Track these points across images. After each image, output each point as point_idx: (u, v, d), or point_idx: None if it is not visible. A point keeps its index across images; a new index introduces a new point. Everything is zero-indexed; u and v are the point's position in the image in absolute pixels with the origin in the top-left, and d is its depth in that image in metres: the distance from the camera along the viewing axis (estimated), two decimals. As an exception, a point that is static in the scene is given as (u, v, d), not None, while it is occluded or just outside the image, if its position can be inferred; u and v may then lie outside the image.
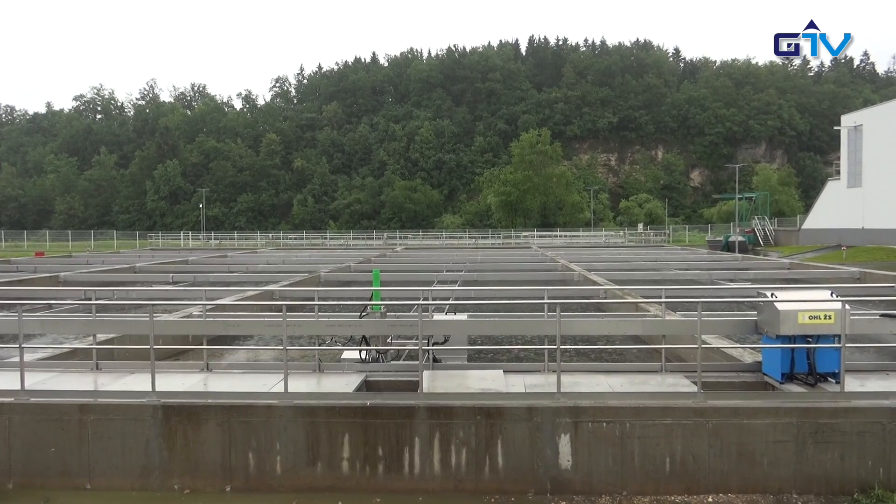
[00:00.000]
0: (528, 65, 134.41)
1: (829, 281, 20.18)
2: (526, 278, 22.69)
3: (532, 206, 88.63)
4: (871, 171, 45.83)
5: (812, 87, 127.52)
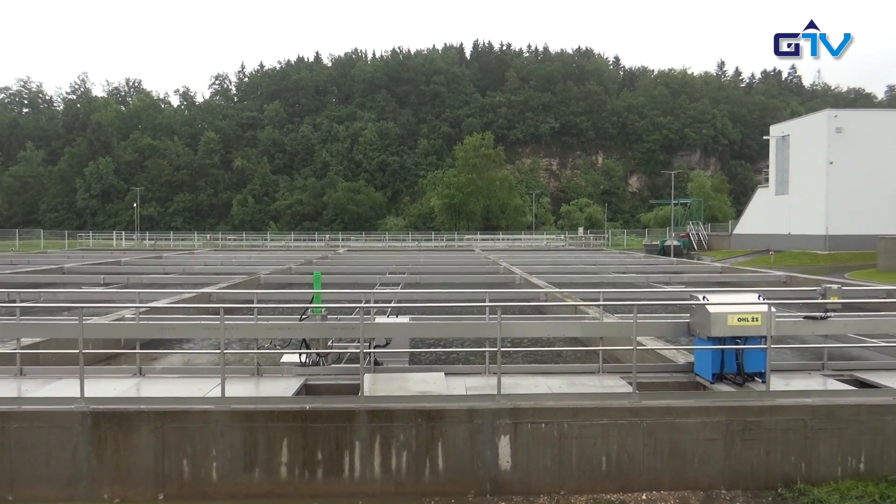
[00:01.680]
0: (472, 69, 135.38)
1: (757, 284, 20.98)
2: (468, 281, 22.81)
3: (475, 209, 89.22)
4: (797, 180, 47.99)
5: (744, 98, 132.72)
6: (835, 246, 43.10)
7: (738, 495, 6.78)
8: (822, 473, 6.98)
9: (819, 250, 43.67)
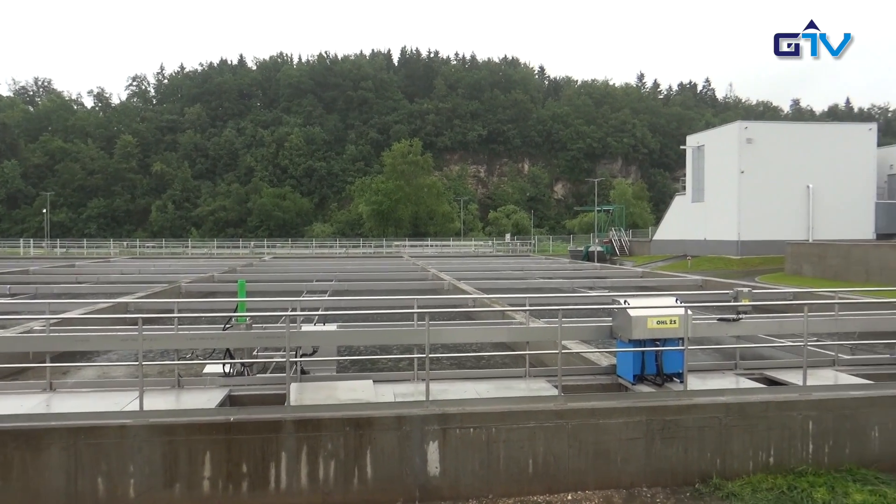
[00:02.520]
0: (400, 75, 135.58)
1: (675, 288, 21.77)
2: (397, 288, 22.75)
3: (403, 215, 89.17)
4: (712, 188, 50.24)
5: (662, 109, 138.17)
6: (746, 251, 45.33)
7: (658, 492, 7.02)
8: (735, 468, 7.31)
9: (732, 255, 45.82)
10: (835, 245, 35.99)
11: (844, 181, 46.33)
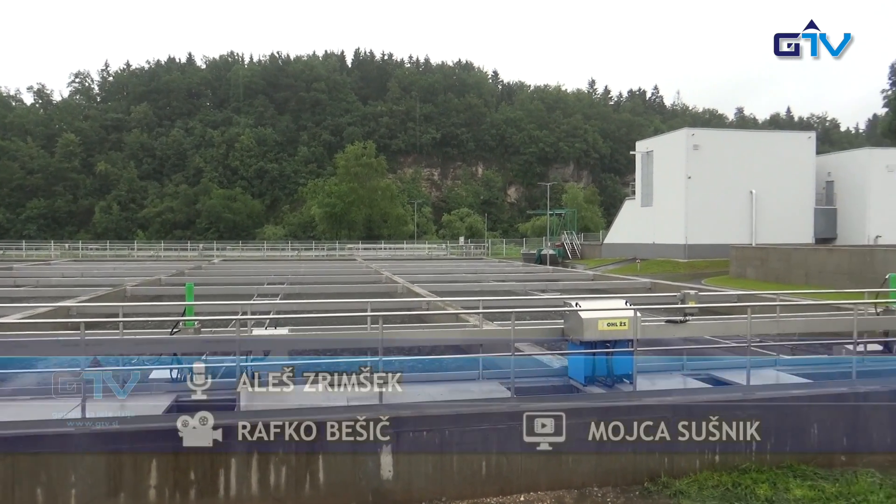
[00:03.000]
0: (353, 77, 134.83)
1: (625, 291, 22.15)
2: (350, 291, 22.55)
3: (357, 218, 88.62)
4: (660, 193, 51.39)
5: (612, 115, 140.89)
6: (693, 254, 46.48)
7: (608, 491, 7.14)
8: (682, 466, 7.49)
9: (679, 258, 46.94)
10: (776, 249, 37.24)
11: (785, 187, 47.99)
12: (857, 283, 27.08)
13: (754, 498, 6.66)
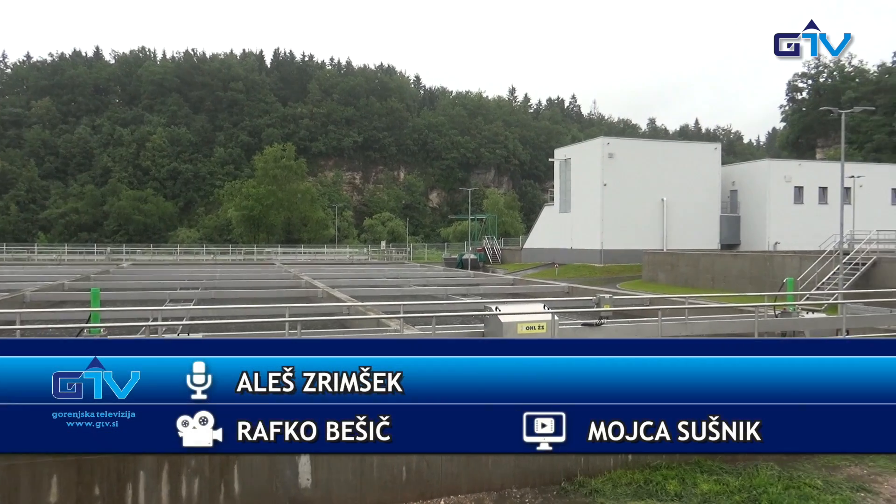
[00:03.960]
0: (273, 77, 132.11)
1: (544, 295, 22.64)
2: (268, 296, 22.04)
3: (276, 221, 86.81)
4: (578, 199, 52.84)
5: (532, 122, 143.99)
6: (609, 259, 48.01)
7: (527, 492, 7.24)
8: (597, 465, 7.69)
9: (596, 263, 48.38)
10: (685, 254, 39.00)
11: (694, 195, 50.33)
12: (758, 286, 28.70)
13: (664, 493, 6.92)
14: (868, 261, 28.30)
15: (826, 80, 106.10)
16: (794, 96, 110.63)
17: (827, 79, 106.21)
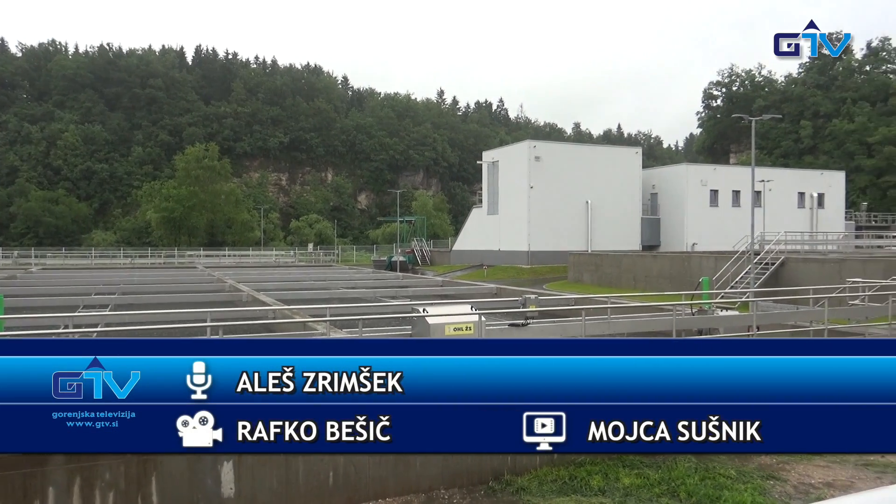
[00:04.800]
0: (194, 75, 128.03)
1: (474, 296, 22.83)
2: (189, 300, 21.33)
3: (198, 223, 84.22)
4: (505, 201, 53.58)
5: (461, 125, 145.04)
6: (536, 261, 48.90)
7: (454, 493, 7.28)
8: (524, 464, 7.80)
9: (523, 265, 49.17)
10: (609, 255, 40.14)
11: (617, 198, 51.90)
12: (677, 285, 29.85)
13: (588, 489, 7.09)
14: (777, 261, 29.88)
15: (738, 88, 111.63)
16: (710, 103, 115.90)
17: (739, 87, 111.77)
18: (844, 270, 24.27)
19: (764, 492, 7.04)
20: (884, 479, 6.38)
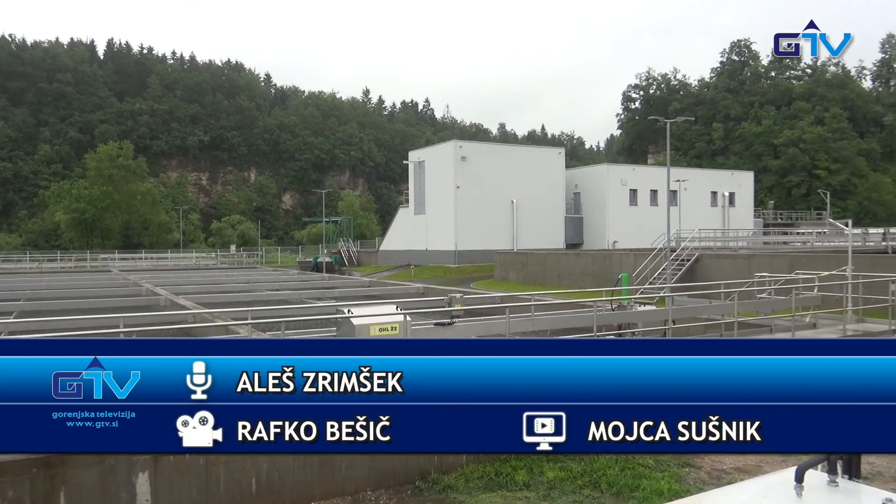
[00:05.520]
0: (107, 70, 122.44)
1: (401, 296, 22.80)
2: (102, 305, 20.39)
3: (112, 225, 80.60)
4: (432, 201, 53.72)
5: (387, 125, 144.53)
6: (463, 260, 49.22)
7: (381, 494, 7.24)
8: (451, 462, 7.84)
9: (450, 264, 49.42)
10: (534, 254, 40.87)
11: (541, 197, 52.89)
12: (599, 282, 30.65)
13: (514, 484, 7.19)
14: (692, 257, 31.18)
15: (655, 91, 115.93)
16: (629, 106, 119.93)
17: (656, 91, 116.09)
18: (753, 265, 25.54)
19: (680, 479, 7.32)
20: (788, 462, 6.74)
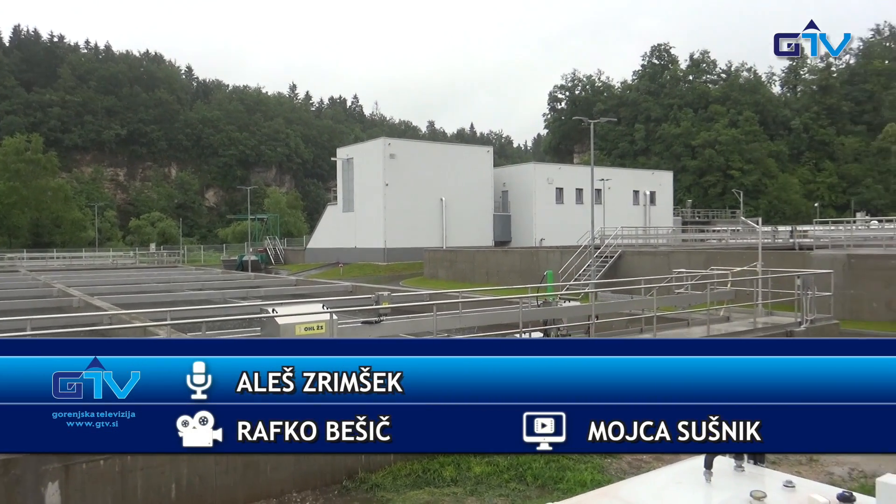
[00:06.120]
0: (13, 58, 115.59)
1: (328, 295, 22.50)
2: (8, 308, 19.28)
3: (20, 222, 76.29)
4: (361, 199, 53.36)
5: (315, 121, 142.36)
6: (392, 257, 49.10)
7: (307, 495, 7.15)
8: (378, 461, 7.80)
9: (380, 262, 49.22)
10: (463, 251, 41.17)
11: (470, 195, 53.34)
12: (526, 279, 31.14)
13: (441, 480, 7.23)
14: (615, 254, 32.12)
15: (580, 92, 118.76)
16: (555, 106, 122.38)
17: (581, 92, 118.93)
18: (672, 262, 26.54)
19: (602, 469, 7.54)
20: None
